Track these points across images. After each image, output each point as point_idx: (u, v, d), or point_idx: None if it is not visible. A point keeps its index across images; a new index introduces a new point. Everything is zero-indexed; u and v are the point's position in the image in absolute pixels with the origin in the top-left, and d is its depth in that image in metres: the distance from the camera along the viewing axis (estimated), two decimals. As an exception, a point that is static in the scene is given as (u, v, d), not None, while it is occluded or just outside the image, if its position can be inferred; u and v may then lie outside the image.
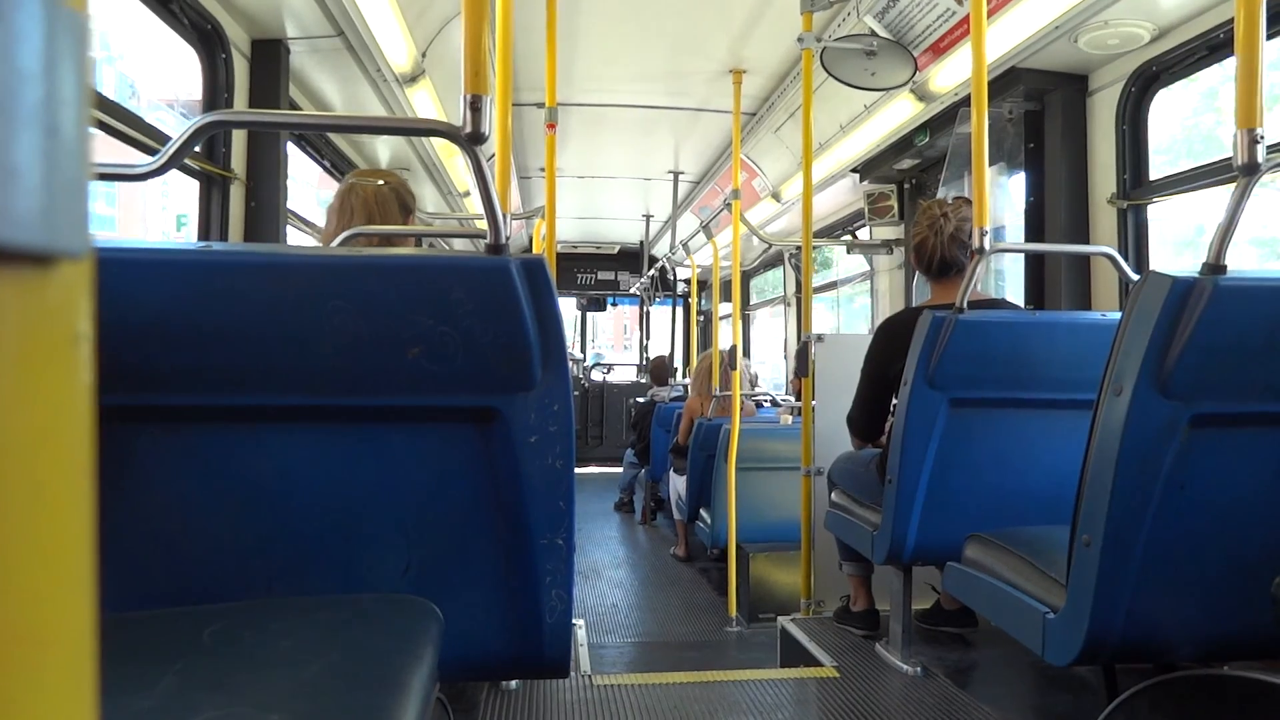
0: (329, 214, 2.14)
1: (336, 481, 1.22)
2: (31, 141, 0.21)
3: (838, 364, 3.00)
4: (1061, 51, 3.01)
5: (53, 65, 0.22)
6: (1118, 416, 1.33)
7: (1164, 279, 1.29)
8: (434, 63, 3.54)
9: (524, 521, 1.23)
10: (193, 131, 1.15)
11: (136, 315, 1.09)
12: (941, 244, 2.31)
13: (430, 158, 4.75)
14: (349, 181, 2.17)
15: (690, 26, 3.92)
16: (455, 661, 1.17)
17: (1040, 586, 1.53)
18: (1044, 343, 2.03)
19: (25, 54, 0.21)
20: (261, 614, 1.00)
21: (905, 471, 2.09)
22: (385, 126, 3.00)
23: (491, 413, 1.20)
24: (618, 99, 4.92)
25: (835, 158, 4.66)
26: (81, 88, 0.23)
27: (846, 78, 3.44)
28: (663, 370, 7.85)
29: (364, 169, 3.05)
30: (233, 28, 2.82)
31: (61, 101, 0.22)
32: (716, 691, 2.14)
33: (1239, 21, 1.27)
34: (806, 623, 2.72)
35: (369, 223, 2.05)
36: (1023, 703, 2.13)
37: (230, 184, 2.83)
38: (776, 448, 4.23)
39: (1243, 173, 1.28)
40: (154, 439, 1.18)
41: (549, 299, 1.18)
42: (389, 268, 1.15)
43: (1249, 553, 1.38)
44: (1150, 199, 2.99)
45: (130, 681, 0.77)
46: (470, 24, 1.13)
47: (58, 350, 0.22)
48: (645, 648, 3.78)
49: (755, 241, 6.74)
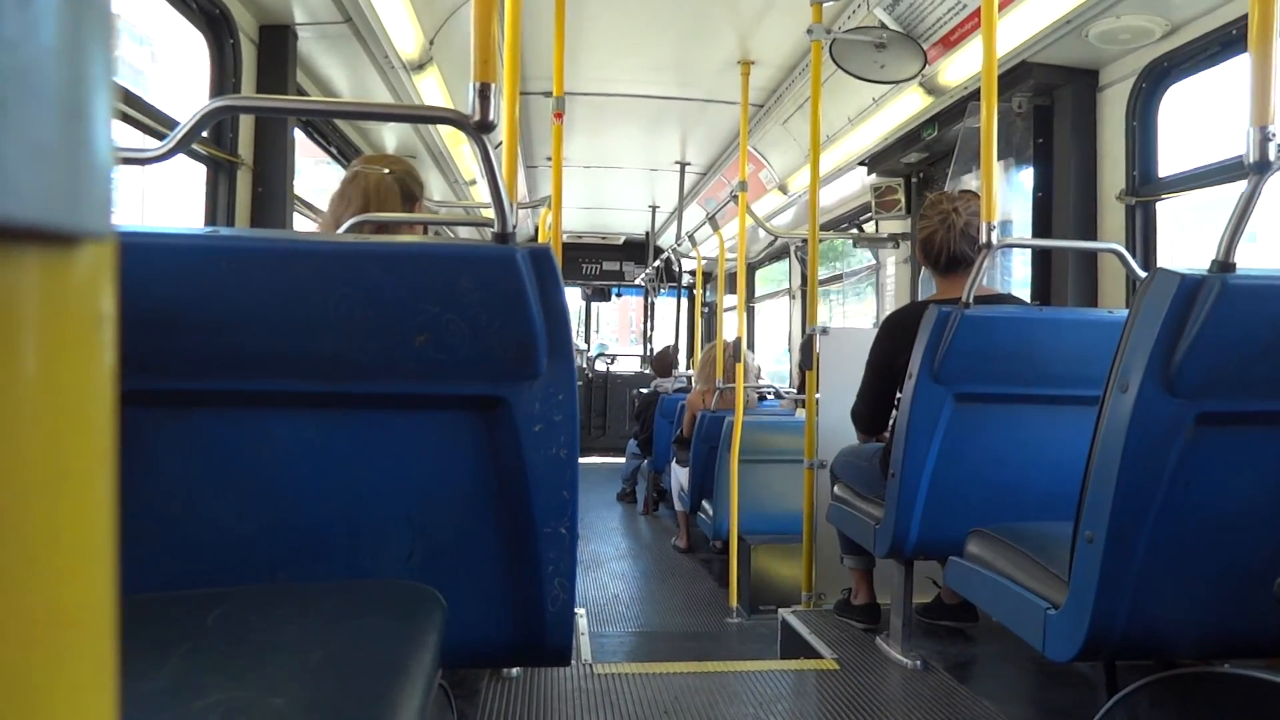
0: (331, 200, 2.14)
1: (341, 468, 1.23)
2: (57, 122, 0.21)
3: (842, 357, 3.00)
4: (1072, 46, 2.99)
5: (78, 46, 0.22)
6: (1123, 413, 1.33)
7: (1172, 276, 1.29)
8: (442, 50, 3.53)
9: (527, 510, 1.23)
10: (201, 116, 1.15)
11: (143, 299, 1.10)
12: (952, 239, 2.30)
13: (437, 146, 4.74)
14: (354, 169, 2.16)
15: (699, 17, 3.90)
16: (458, 648, 1.18)
17: (1042, 582, 1.53)
18: (1050, 339, 2.02)
19: (52, 35, 0.21)
20: (266, 599, 1.01)
21: (908, 465, 2.09)
22: (393, 114, 2.99)
23: (497, 401, 1.20)
24: (625, 89, 4.90)
25: (843, 150, 4.65)
26: (106, 69, 0.23)
27: (855, 70, 3.42)
28: (666, 362, 7.84)
29: (370, 155, 3.04)
30: (241, 13, 2.81)
31: (87, 83, 0.22)
32: (716, 682, 2.15)
33: (1253, 18, 1.26)
34: (807, 615, 2.73)
35: (366, 211, 2.05)
36: (1022, 698, 2.13)
37: (237, 169, 2.83)
38: (779, 440, 4.24)
39: (1254, 170, 1.27)
40: (159, 423, 1.18)
41: (555, 288, 1.19)
42: (396, 255, 1.15)
43: (1252, 551, 1.38)
44: (1159, 196, 2.97)
45: (135, 664, 0.78)
46: (480, 12, 1.13)
47: (83, 331, 0.22)
48: (646, 637, 3.79)
49: (761, 234, 6.73)
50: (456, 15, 3.46)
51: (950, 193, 2.44)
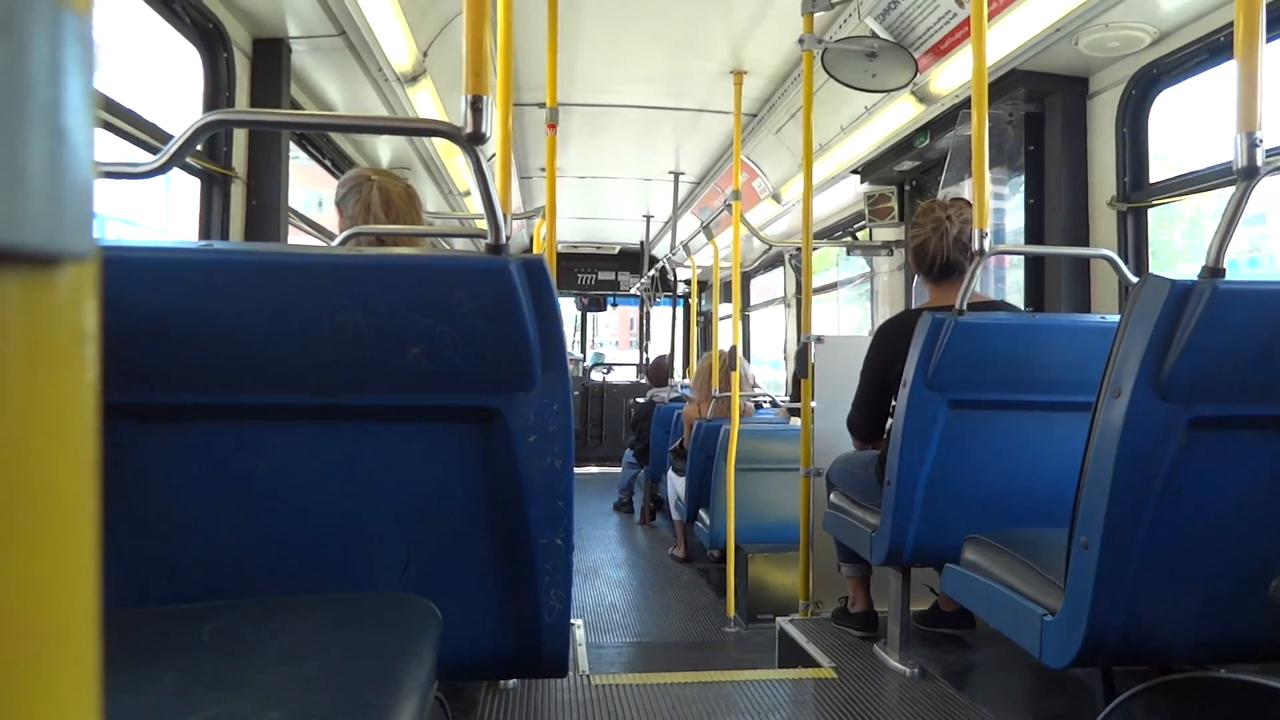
0: (347, 208, 2.08)
1: (336, 480, 1.23)
2: (39, 145, 0.21)
3: (837, 365, 3.01)
4: (1062, 54, 3.01)
5: (59, 70, 0.22)
6: (1116, 419, 1.33)
7: (1163, 282, 1.30)
8: (435, 62, 3.54)
9: (523, 521, 1.23)
10: (194, 130, 1.15)
11: (138, 313, 1.10)
12: (945, 246, 2.31)
13: (431, 157, 4.75)
14: (368, 177, 2.11)
15: (691, 27, 3.92)
16: (454, 660, 1.18)
17: (1038, 589, 1.53)
18: (1043, 345, 2.03)
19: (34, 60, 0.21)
20: (261, 612, 1.01)
21: (904, 473, 2.09)
22: (386, 126, 3.00)
23: (491, 412, 1.20)
24: (619, 99, 4.92)
25: (836, 159, 4.67)
26: (87, 91, 0.23)
27: (847, 79, 3.44)
28: (662, 371, 7.85)
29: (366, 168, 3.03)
30: (234, 27, 2.82)
31: (68, 105, 0.22)
32: (714, 692, 2.14)
33: (1239, 25, 1.27)
34: (805, 623, 2.72)
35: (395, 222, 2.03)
36: (1019, 704, 2.13)
37: (231, 183, 2.83)
38: (776, 449, 4.24)
39: (1242, 176, 1.28)
40: (154, 437, 1.18)
41: (549, 299, 1.19)
42: (390, 267, 1.15)
43: (1246, 556, 1.38)
44: (1150, 202, 2.99)
45: (130, 678, 0.77)
46: (472, 24, 1.13)
47: (64, 351, 0.22)
48: (643, 648, 3.78)
49: (755, 243, 6.74)
50: (450, 27, 3.47)
51: (943, 200, 2.45)
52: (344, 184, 2.14)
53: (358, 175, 2.15)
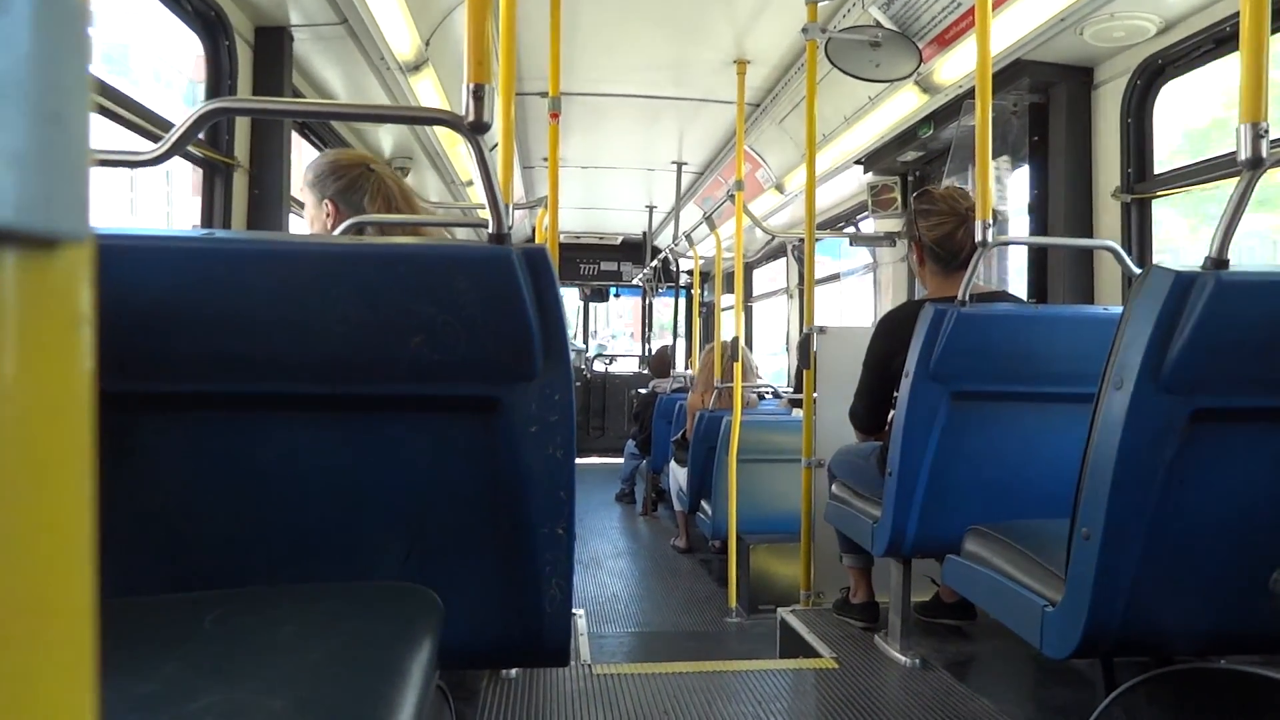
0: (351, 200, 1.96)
1: (337, 469, 1.23)
2: (34, 127, 0.21)
3: (840, 356, 3.00)
4: (1067, 44, 3.00)
5: (55, 53, 0.22)
6: (1118, 410, 1.33)
7: (1166, 273, 1.29)
8: (437, 51, 3.53)
9: (524, 511, 1.23)
10: (196, 118, 1.15)
11: (139, 302, 1.10)
12: (970, 237, 2.27)
13: (433, 146, 4.74)
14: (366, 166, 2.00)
15: (694, 16, 3.91)
16: (455, 649, 1.18)
17: (1039, 580, 1.53)
18: (1045, 336, 2.03)
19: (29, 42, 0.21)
20: (263, 601, 1.01)
21: (905, 464, 2.09)
22: (388, 115, 2.99)
23: (493, 402, 1.20)
24: (621, 89, 4.90)
25: (839, 149, 4.65)
26: (83, 74, 0.23)
27: (851, 69, 3.42)
28: (664, 362, 7.84)
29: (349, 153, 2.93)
30: (236, 15, 2.81)
31: (64, 88, 0.22)
32: (715, 681, 2.15)
33: (1244, 15, 1.26)
34: (806, 614, 2.73)
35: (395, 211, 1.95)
36: (1020, 695, 2.13)
37: (233, 171, 2.83)
38: (778, 439, 4.24)
39: (1246, 167, 1.28)
40: (156, 426, 1.18)
41: (551, 289, 1.19)
42: (392, 257, 1.15)
43: (1248, 547, 1.38)
44: (1154, 193, 2.98)
45: (132, 666, 0.78)
46: (474, 12, 1.13)
47: (60, 332, 0.22)
48: (645, 638, 3.79)
49: (758, 233, 6.73)
50: (452, 16, 3.46)
51: (956, 188, 2.43)
52: (333, 174, 1.98)
53: (349, 165, 1.99)
